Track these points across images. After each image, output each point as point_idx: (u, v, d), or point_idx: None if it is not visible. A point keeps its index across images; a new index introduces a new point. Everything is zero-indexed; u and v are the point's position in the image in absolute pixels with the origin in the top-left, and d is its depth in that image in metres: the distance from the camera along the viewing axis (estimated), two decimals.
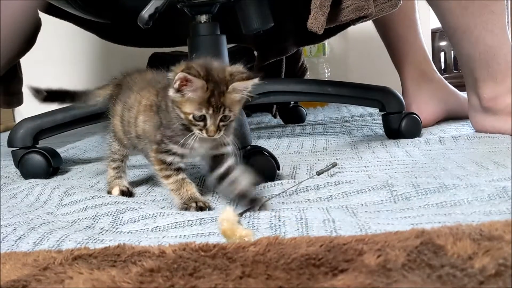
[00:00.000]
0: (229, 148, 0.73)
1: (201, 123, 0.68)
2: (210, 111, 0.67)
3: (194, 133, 0.69)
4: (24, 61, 1.23)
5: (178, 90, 0.68)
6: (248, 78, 0.68)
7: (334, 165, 0.87)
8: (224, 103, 0.68)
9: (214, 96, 0.67)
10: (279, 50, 1.50)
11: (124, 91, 0.82)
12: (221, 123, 0.69)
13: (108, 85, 0.86)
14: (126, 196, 0.82)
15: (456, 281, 0.42)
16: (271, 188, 0.79)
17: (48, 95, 0.89)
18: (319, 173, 0.84)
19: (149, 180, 0.94)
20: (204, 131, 0.69)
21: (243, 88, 0.68)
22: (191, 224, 0.64)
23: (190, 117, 0.68)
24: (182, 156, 0.73)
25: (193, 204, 0.71)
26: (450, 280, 0.42)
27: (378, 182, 0.73)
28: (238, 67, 0.71)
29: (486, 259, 0.45)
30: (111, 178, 0.86)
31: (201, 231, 0.62)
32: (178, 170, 0.74)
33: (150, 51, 1.84)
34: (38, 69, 2.12)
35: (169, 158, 0.73)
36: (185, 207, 0.71)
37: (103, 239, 0.61)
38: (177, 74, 0.67)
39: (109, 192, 0.85)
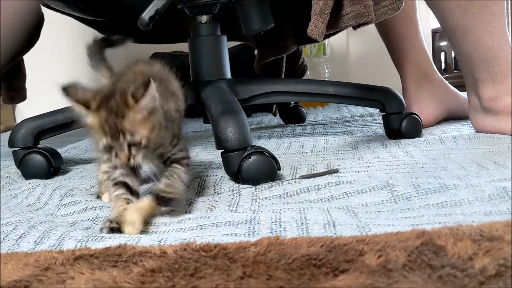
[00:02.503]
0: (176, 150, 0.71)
1: (113, 152, 0.64)
2: (109, 139, 0.63)
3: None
4: (27, 56, 1.23)
5: None
6: (140, 96, 0.61)
7: (323, 174, 0.85)
8: (124, 128, 0.62)
9: (108, 122, 0.62)
10: (279, 49, 1.50)
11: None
12: (133, 150, 0.63)
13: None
14: None
15: (456, 281, 0.42)
16: (272, 189, 0.79)
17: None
18: (302, 177, 0.82)
19: (149, 181, 0.94)
20: (117, 159, 0.64)
21: (145, 105, 0.62)
22: (192, 229, 0.64)
23: (100, 145, 0.65)
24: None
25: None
26: (450, 281, 0.42)
27: (378, 182, 0.73)
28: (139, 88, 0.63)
29: (486, 259, 0.45)
30: (103, 179, 0.81)
31: (201, 234, 0.62)
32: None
33: (151, 50, 1.84)
34: (41, 64, 2.12)
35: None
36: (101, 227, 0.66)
37: (103, 237, 0.61)
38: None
39: (99, 197, 0.81)
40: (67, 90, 0.64)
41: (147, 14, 0.93)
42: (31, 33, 1.15)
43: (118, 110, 0.62)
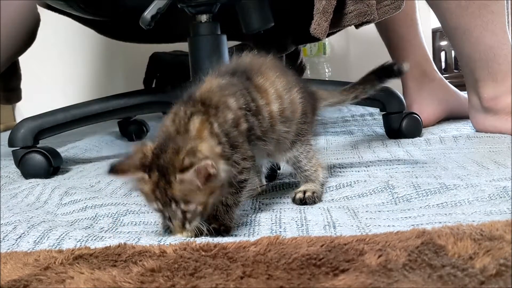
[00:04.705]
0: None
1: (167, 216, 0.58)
2: (160, 205, 0.57)
3: None
4: (28, 56, 1.23)
5: None
6: (189, 167, 0.54)
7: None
8: (174, 196, 0.55)
9: (159, 188, 0.56)
10: (278, 48, 1.50)
11: None
12: (189, 215, 0.57)
13: None
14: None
15: (457, 281, 0.42)
16: (272, 189, 0.79)
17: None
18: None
19: None
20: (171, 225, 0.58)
21: (192, 179, 0.54)
22: None
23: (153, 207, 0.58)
24: None
25: None
26: (451, 280, 0.42)
27: (379, 184, 0.73)
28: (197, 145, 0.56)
29: (487, 259, 0.45)
30: None
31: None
32: None
33: (151, 50, 1.84)
34: (40, 64, 2.12)
35: None
36: None
37: (103, 236, 0.61)
38: None
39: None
40: (115, 169, 0.57)
41: (149, 13, 0.93)
42: (29, 34, 1.16)
43: (173, 175, 0.55)
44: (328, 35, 1.39)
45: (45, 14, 1.25)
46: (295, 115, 0.70)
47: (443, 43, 2.33)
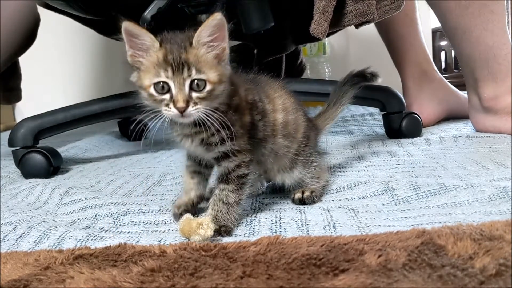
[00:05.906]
0: (224, 148, 0.62)
1: (167, 96, 0.56)
2: (170, 73, 0.55)
3: (162, 115, 0.58)
4: (28, 56, 1.23)
5: (132, 61, 0.58)
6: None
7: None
8: (188, 60, 0.55)
9: (172, 53, 0.56)
10: (278, 48, 1.50)
11: None
12: (194, 94, 0.56)
13: None
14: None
15: (456, 281, 0.42)
16: (274, 192, 0.79)
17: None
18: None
19: (149, 178, 0.94)
20: (172, 106, 0.56)
21: (210, 36, 0.57)
22: None
23: (151, 90, 0.57)
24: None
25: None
26: (450, 280, 0.42)
27: (379, 187, 0.73)
28: None
29: (486, 259, 0.45)
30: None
31: None
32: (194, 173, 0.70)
33: None
34: (40, 64, 2.12)
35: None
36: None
37: (103, 236, 0.61)
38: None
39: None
40: (129, 20, 0.59)
41: (149, 13, 0.93)
42: (29, 33, 1.16)
43: (185, 43, 0.57)
44: (328, 35, 1.39)
45: (45, 14, 1.25)
46: (297, 134, 0.72)
47: (443, 43, 2.33)
